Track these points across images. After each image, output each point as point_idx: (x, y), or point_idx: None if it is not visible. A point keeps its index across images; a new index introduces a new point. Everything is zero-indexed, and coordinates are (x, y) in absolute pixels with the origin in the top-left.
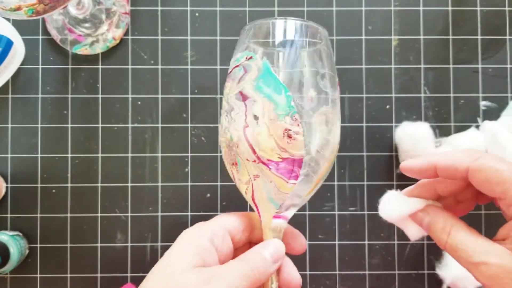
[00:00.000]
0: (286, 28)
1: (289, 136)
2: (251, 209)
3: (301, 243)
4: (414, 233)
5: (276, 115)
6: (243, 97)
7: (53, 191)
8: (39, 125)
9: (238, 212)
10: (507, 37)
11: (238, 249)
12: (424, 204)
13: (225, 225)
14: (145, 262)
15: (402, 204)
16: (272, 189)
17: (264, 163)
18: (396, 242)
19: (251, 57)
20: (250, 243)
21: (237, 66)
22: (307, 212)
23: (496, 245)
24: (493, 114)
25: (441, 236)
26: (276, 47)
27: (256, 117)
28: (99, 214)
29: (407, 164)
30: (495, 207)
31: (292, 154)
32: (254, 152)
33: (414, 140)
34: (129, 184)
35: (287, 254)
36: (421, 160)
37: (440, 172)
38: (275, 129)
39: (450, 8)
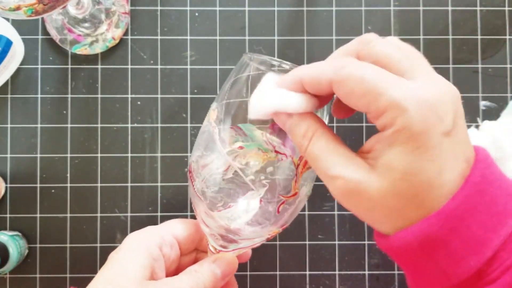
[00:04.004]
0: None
1: None
2: None
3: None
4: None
5: None
6: None
7: (53, 191)
8: (39, 125)
9: (189, 220)
10: (507, 37)
11: (186, 256)
12: (303, 100)
13: (175, 232)
14: None
15: (276, 96)
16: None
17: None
18: None
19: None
20: (197, 249)
21: None
22: (306, 212)
23: (357, 158)
24: (493, 114)
25: (302, 142)
26: None
27: None
28: (98, 214)
29: (278, 82)
30: None
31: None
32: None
33: None
34: (129, 184)
35: None
36: (289, 76)
37: (308, 87)
38: None
39: (450, 8)
